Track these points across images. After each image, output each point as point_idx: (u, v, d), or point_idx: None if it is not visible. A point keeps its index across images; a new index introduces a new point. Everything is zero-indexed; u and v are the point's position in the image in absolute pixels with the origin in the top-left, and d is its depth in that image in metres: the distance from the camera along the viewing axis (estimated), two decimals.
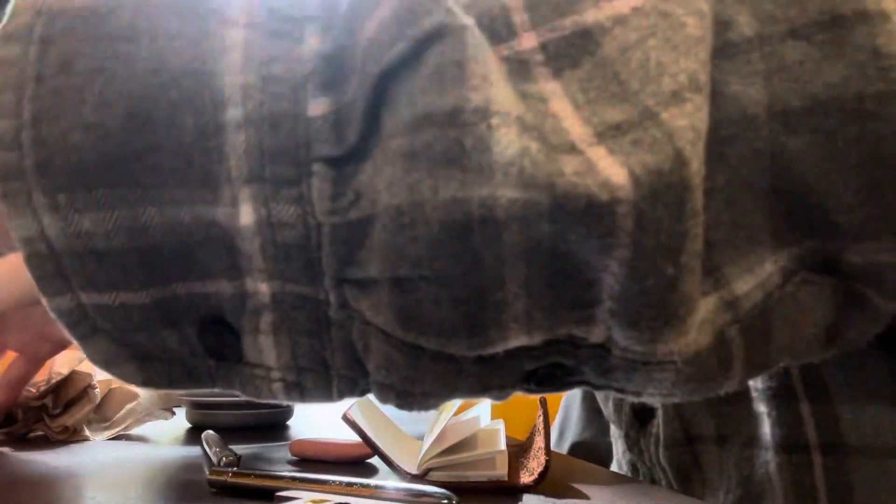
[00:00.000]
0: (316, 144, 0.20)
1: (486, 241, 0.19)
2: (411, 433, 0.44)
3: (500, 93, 0.19)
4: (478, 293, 0.20)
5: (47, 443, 0.50)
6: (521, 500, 0.33)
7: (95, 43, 0.20)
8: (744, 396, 0.37)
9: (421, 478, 0.36)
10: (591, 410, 0.59)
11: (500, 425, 0.39)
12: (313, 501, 0.30)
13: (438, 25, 0.20)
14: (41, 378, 0.52)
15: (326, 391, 0.23)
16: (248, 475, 0.34)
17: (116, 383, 0.59)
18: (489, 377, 0.23)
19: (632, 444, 0.45)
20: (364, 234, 0.20)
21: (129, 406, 0.56)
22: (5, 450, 0.47)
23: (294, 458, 0.44)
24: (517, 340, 0.21)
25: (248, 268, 0.21)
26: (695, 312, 0.21)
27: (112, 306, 0.21)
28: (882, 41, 0.20)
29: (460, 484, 0.35)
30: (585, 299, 0.21)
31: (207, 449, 0.45)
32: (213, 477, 0.35)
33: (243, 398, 0.54)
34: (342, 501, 0.30)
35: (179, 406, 0.60)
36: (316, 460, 0.44)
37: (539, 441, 0.37)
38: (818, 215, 0.22)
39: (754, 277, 0.22)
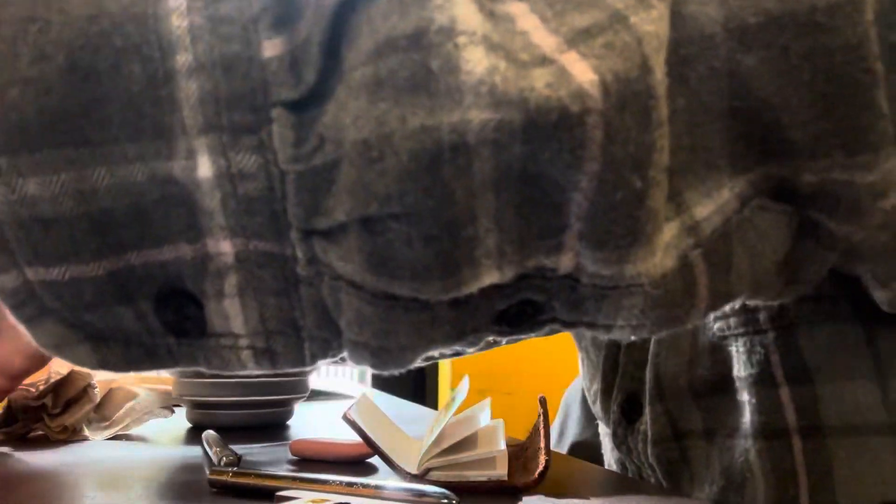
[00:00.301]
0: (274, 88, 0.19)
1: (456, 171, 0.19)
2: (411, 433, 0.44)
3: (464, 11, 0.19)
4: (449, 229, 0.19)
5: (47, 443, 0.50)
6: (520, 500, 0.33)
7: None
8: (729, 388, 0.37)
9: (421, 477, 0.36)
10: (591, 410, 0.59)
11: (500, 425, 0.39)
12: (313, 501, 0.30)
13: None
14: (40, 378, 0.52)
15: (299, 355, 0.22)
16: (249, 475, 0.34)
17: (116, 383, 0.59)
18: (463, 321, 0.22)
19: (619, 442, 0.45)
20: (331, 180, 0.19)
21: (128, 405, 0.56)
22: (5, 450, 0.47)
23: (294, 457, 0.44)
24: (489, 277, 0.21)
25: (209, 226, 0.20)
26: (660, 232, 0.21)
27: (61, 282, 0.20)
28: None
29: (460, 484, 0.35)
30: (554, 225, 0.21)
31: (208, 449, 0.45)
32: (214, 477, 0.35)
33: (244, 398, 0.53)
34: (342, 501, 0.30)
35: (179, 406, 0.60)
36: (316, 460, 0.44)
37: (539, 441, 0.37)
38: (774, 133, 0.22)
39: (713, 202, 0.23)
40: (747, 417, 0.36)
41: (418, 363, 0.24)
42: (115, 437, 0.53)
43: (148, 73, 0.19)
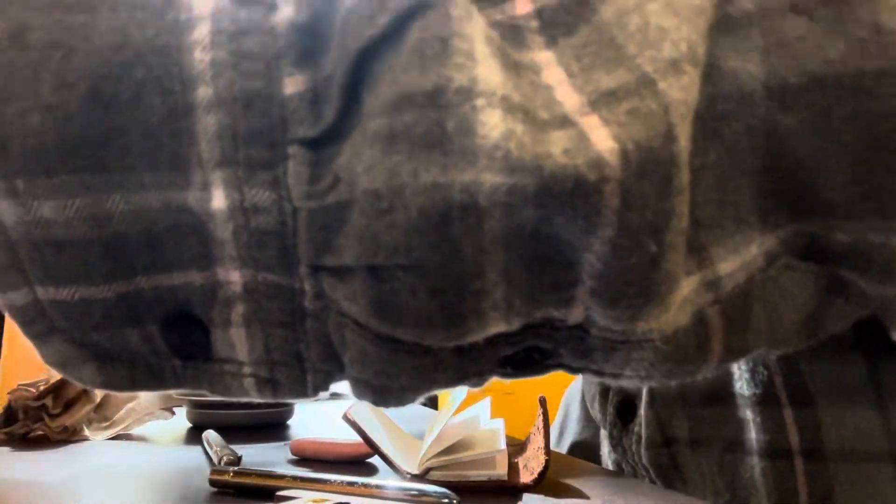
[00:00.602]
0: (292, 125, 0.19)
1: (466, 229, 0.19)
2: (411, 433, 0.44)
3: (485, 71, 0.18)
4: (456, 283, 0.19)
5: (47, 443, 0.50)
6: (520, 499, 0.33)
7: (49, 13, 0.19)
8: (720, 400, 0.37)
9: (421, 477, 0.36)
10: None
11: (500, 425, 0.39)
12: (314, 501, 0.30)
13: (420, 0, 0.19)
14: (41, 378, 0.52)
15: (301, 386, 0.22)
16: (249, 474, 0.34)
17: None
18: (467, 366, 0.22)
19: (615, 443, 0.45)
20: (342, 220, 0.19)
21: (129, 406, 0.56)
22: (5, 450, 0.47)
23: (294, 457, 0.44)
24: (496, 328, 0.21)
25: (220, 256, 0.20)
26: (676, 290, 0.21)
27: (71, 302, 0.20)
28: (885, 17, 0.20)
29: (460, 483, 0.35)
30: (565, 281, 0.20)
31: (208, 448, 0.45)
32: (214, 476, 0.35)
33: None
34: (343, 501, 0.30)
35: (180, 406, 0.60)
36: (316, 460, 0.44)
37: (539, 441, 0.37)
38: (808, 194, 0.22)
39: (739, 258, 0.22)
40: (751, 434, 0.36)
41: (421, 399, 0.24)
42: (115, 438, 0.53)
43: (168, 105, 0.19)
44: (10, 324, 0.66)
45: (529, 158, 0.18)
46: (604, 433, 0.48)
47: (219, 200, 0.19)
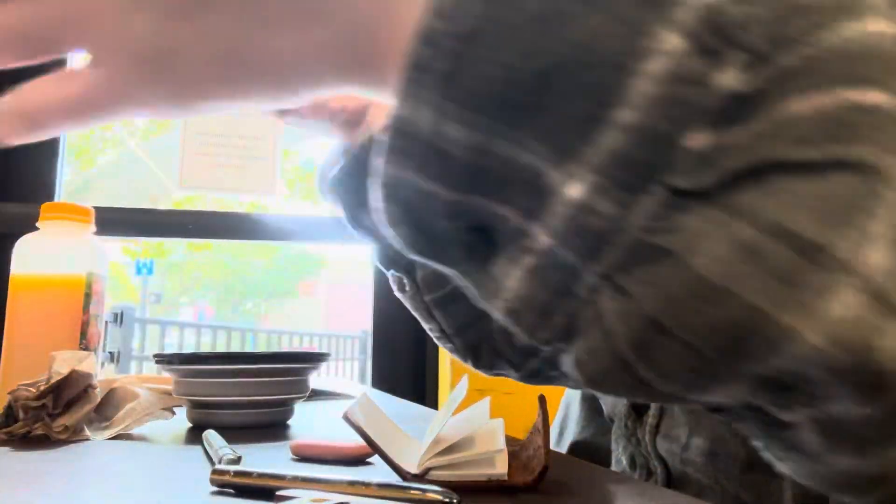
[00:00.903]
0: (672, 172, 0.20)
1: (754, 352, 0.20)
2: (411, 433, 0.44)
3: (872, 253, 0.19)
4: (708, 375, 0.21)
5: (47, 443, 0.50)
6: (520, 499, 0.33)
7: None
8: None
9: (421, 477, 0.36)
10: (591, 409, 0.59)
11: (500, 424, 0.39)
12: (314, 501, 0.30)
13: (859, 161, 0.19)
14: (41, 378, 0.52)
15: (532, 336, 0.25)
16: (250, 474, 0.34)
17: (117, 383, 0.59)
18: (668, 399, 0.24)
19: (630, 433, 0.45)
20: (654, 264, 0.21)
21: (129, 406, 0.56)
22: (5, 450, 0.47)
23: (294, 457, 0.44)
24: (715, 400, 0.23)
25: (544, 220, 0.22)
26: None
27: (422, 189, 0.24)
28: None
29: (460, 483, 0.35)
30: (799, 403, 0.22)
31: (208, 448, 0.45)
32: (215, 476, 0.35)
33: (244, 398, 0.54)
34: (343, 501, 0.30)
35: (180, 406, 0.60)
36: (316, 460, 0.44)
37: (538, 440, 0.37)
38: None
39: None
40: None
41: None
42: (115, 437, 0.53)
43: (590, 111, 0.21)
44: (11, 323, 0.66)
45: (857, 340, 0.19)
46: (615, 431, 0.48)
47: (574, 191, 0.21)
